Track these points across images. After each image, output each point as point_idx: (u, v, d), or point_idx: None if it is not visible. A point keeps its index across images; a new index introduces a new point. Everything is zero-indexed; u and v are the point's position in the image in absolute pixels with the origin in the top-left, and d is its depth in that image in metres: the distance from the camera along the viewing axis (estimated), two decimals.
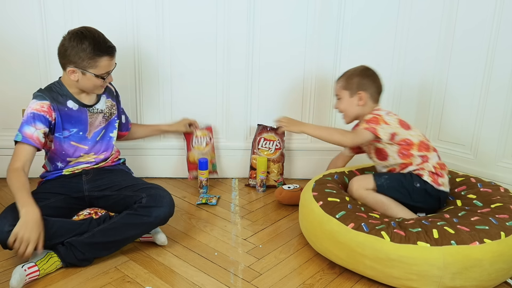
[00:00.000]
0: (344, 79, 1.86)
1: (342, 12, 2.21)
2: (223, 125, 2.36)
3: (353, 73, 1.85)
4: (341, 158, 2.10)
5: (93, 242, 1.60)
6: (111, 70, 1.74)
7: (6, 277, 1.53)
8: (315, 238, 1.68)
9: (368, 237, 1.50)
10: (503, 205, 1.65)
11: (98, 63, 1.66)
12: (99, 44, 1.64)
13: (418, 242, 1.45)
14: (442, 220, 1.57)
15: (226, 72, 2.27)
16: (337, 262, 1.62)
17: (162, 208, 1.66)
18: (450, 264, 1.42)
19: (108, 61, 1.68)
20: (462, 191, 1.85)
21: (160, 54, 2.22)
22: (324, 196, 1.72)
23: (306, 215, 1.74)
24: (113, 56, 1.70)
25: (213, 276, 1.59)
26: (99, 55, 1.64)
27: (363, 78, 1.83)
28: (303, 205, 1.78)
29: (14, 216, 1.51)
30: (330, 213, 1.62)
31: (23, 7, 2.11)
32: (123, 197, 1.73)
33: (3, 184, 2.24)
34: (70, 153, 1.76)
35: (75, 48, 1.63)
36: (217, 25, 2.20)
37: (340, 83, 1.87)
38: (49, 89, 1.73)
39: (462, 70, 2.19)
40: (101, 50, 1.64)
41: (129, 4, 2.14)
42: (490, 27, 2.07)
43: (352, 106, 1.85)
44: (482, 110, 2.16)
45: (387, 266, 1.47)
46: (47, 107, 1.67)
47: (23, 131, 1.65)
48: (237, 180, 2.42)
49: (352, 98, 1.83)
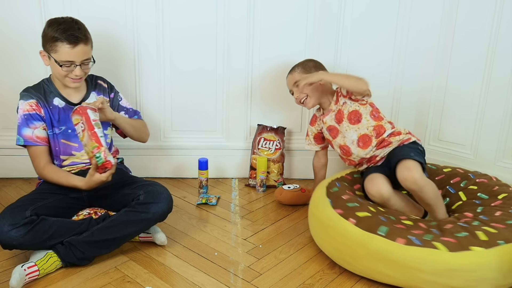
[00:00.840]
0: (298, 67, 1.98)
1: (341, 14, 2.21)
2: (223, 125, 2.36)
3: (303, 62, 2.00)
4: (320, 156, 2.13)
5: (92, 240, 1.60)
6: (76, 61, 1.65)
7: (6, 277, 1.53)
8: (354, 259, 1.56)
9: (423, 250, 1.43)
10: (508, 195, 1.72)
11: (58, 48, 1.62)
12: (63, 30, 1.62)
13: (472, 248, 1.42)
14: (475, 220, 1.59)
15: (226, 72, 2.27)
16: (386, 281, 1.52)
17: (160, 204, 1.65)
18: (503, 264, 1.42)
19: (68, 49, 1.62)
20: (458, 182, 1.88)
21: (160, 54, 2.22)
22: (351, 212, 1.60)
23: (338, 236, 1.59)
24: (74, 44, 1.62)
25: (213, 276, 1.59)
26: (57, 39, 1.62)
27: (314, 62, 1.99)
28: (329, 225, 1.62)
29: (13, 216, 1.51)
30: (371, 230, 1.51)
31: (23, 6, 2.11)
32: (121, 195, 1.73)
33: (3, 184, 2.25)
34: (61, 151, 1.76)
35: (45, 31, 1.66)
36: (217, 26, 2.20)
37: (295, 71, 1.98)
38: (37, 87, 1.75)
39: (462, 71, 2.19)
40: (60, 35, 1.61)
41: (129, 4, 2.14)
42: (490, 28, 2.06)
43: (316, 87, 1.92)
44: (482, 110, 2.16)
45: (447, 277, 1.42)
46: (35, 105, 1.69)
47: (22, 134, 1.69)
48: (237, 180, 2.42)
49: None
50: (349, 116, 1.87)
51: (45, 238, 1.55)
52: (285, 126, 2.34)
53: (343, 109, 1.88)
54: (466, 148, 2.24)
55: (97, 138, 1.57)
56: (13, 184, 2.25)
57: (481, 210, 1.68)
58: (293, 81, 1.96)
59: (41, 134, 1.70)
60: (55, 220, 1.58)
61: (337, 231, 1.59)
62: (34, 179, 1.80)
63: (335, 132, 1.93)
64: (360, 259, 1.54)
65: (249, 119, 2.37)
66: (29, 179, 2.29)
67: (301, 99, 1.95)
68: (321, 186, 1.81)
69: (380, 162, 1.85)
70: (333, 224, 1.61)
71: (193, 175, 2.34)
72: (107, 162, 1.59)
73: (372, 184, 1.73)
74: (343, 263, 1.62)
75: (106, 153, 1.58)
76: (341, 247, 1.59)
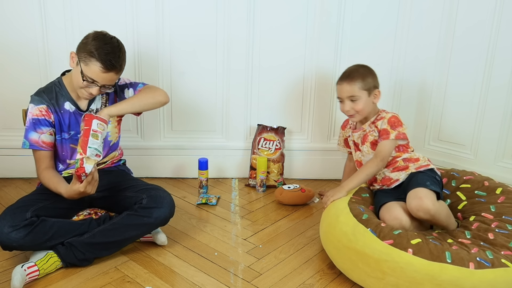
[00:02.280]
0: (360, 80, 1.80)
1: (342, 15, 2.21)
2: (223, 125, 2.36)
3: (364, 72, 1.82)
4: (350, 159, 2.06)
5: (93, 242, 1.60)
6: (100, 83, 1.62)
7: (6, 277, 1.53)
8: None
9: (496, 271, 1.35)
10: (503, 189, 1.75)
11: (90, 64, 1.58)
12: (102, 50, 1.58)
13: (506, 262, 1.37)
14: (499, 221, 1.59)
15: (226, 72, 2.27)
16: None
17: (163, 209, 1.66)
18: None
19: (100, 71, 1.59)
20: (448, 183, 1.89)
21: (160, 54, 2.22)
22: (403, 241, 1.43)
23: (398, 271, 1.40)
24: (107, 70, 1.59)
25: (213, 276, 1.59)
26: (93, 56, 1.58)
27: (373, 76, 1.84)
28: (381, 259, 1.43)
29: (14, 217, 1.51)
30: (437, 259, 1.37)
31: (23, 10, 2.11)
32: (123, 198, 1.72)
33: (3, 184, 2.25)
34: (69, 155, 1.76)
35: (88, 40, 1.61)
36: (217, 27, 2.20)
37: (356, 84, 1.79)
38: (48, 90, 1.71)
39: (462, 70, 2.19)
40: (98, 55, 1.58)
41: (129, 7, 2.14)
42: (490, 26, 2.07)
43: (368, 105, 1.82)
44: (482, 110, 2.16)
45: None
46: (45, 111, 1.67)
47: (29, 138, 1.67)
48: (237, 180, 2.42)
49: (370, 97, 1.81)
50: (372, 142, 1.83)
51: (45, 239, 1.55)
52: (285, 126, 2.34)
53: (369, 135, 1.83)
54: (466, 148, 2.24)
55: (85, 145, 1.55)
56: (13, 184, 2.25)
57: (495, 209, 1.67)
58: (350, 94, 1.80)
59: (47, 139, 1.68)
60: (55, 221, 1.58)
61: (396, 265, 1.40)
62: (34, 179, 1.80)
63: (357, 148, 1.91)
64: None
65: (249, 119, 2.37)
66: (29, 179, 2.29)
67: (351, 114, 1.84)
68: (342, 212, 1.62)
69: (393, 185, 1.80)
70: (387, 258, 1.42)
71: (193, 175, 2.34)
72: (81, 168, 1.54)
73: (389, 215, 1.65)
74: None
75: (85, 161, 1.54)
76: (402, 283, 1.40)
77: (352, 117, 1.85)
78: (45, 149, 1.69)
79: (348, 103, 1.82)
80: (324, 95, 2.33)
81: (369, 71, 1.84)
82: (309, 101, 2.34)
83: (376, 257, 1.44)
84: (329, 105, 2.34)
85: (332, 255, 1.62)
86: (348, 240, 1.52)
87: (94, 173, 1.58)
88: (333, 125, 2.37)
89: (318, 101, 2.34)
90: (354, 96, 1.80)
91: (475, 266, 1.35)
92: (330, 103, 2.34)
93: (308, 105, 2.35)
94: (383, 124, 1.78)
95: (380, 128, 1.78)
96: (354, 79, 1.80)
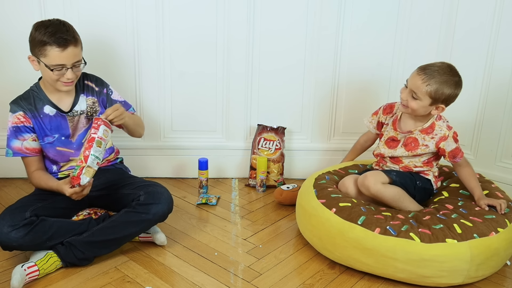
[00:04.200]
0: (435, 85, 1.63)
1: (342, 17, 2.21)
2: (223, 125, 2.36)
3: (443, 81, 1.63)
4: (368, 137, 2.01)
5: (92, 241, 1.60)
6: (67, 64, 1.60)
7: (6, 277, 1.53)
8: (334, 246, 1.62)
9: (398, 240, 1.50)
10: (489, 192, 1.76)
11: (47, 52, 1.56)
12: (51, 33, 1.55)
13: (447, 240, 1.49)
14: (454, 212, 1.64)
15: (226, 72, 2.27)
16: (362, 269, 1.59)
17: (160, 205, 1.65)
18: (476, 256, 1.48)
19: (58, 52, 1.56)
20: (441, 181, 1.92)
21: (160, 54, 2.22)
22: (334, 202, 1.67)
23: (320, 224, 1.66)
24: (63, 47, 1.56)
25: (213, 276, 1.59)
26: (45, 43, 1.55)
27: (454, 92, 1.66)
28: (312, 214, 1.70)
29: (13, 217, 1.51)
30: (350, 219, 1.58)
31: (23, 10, 2.11)
32: (121, 195, 1.72)
33: (3, 184, 2.26)
34: (59, 158, 1.76)
35: (32, 35, 1.59)
36: (217, 27, 2.19)
37: (427, 86, 1.63)
38: (25, 97, 1.70)
39: (462, 70, 2.17)
40: (48, 39, 1.54)
41: (129, 5, 2.14)
42: (489, 29, 2.07)
43: (424, 111, 1.70)
44: (482, 110, 2.16)
45: (419, 267, 1.49)
46: (22, 117, 1.67)
47: (11, 146, 1.68)
48: (237, 180, 2.42)
49: (431, 106, 1.68)
50: (408, 147, 1.78)
51: (45, 238, 1.55)
52: (285, 126, 2.34)
53: (419, 148, 1.75)
54: (466, 148, 2.24)
55: (88, 154, 1.56)
56: (13, 184, 2.25)
57: (462, 204, 1.71)
58: (414, 89, 1.66)
59: (31, 145, 1.68)
60: (55, 221, 1.58)
61: (320, 219, 1.66)
62: None
63: (389, 141, 1.84)
64: (339, 247, 1.60)
65: (249, 119, 2.37)
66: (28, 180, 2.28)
67: (404, 103, 1.72)
68: (310, 178, 1.90)
69: None
70: (316, 213, 1.68)
71: (193, 175, 2.34)
72: (77, 177, 1.55)
73: (342, 182, 1.81)
74: (324, 251, 1.68)
75: (83, 171, 1.55)
76: (323, 235, 1.66)
77: (402, 106, 1.74)
78: (29, 155, 1.70)
79: (408, 93, 1.69)
80: (324, 95, 2.33)
81: (451, 83, 1.64)
82: (309, 101, 2.34)
83: (309, 212, 1.71)
84: (329, 105, 2.34)
85: (297, 218, 1.86)
86: (301, 200, 1.81)
87: (87, 187, 1.60)
88: (333, 125, 2.37)
89: (318, 101, 2.34)
90: (416, 94, 1.66)
91: (380, 231, 1.52)
92: (330, 102, 2.33)
93: (308, 105, 2.34)
94: (449, 145, 1.71)
95: (448, 151, 1.71)
96: (428, 80, 1.64)
